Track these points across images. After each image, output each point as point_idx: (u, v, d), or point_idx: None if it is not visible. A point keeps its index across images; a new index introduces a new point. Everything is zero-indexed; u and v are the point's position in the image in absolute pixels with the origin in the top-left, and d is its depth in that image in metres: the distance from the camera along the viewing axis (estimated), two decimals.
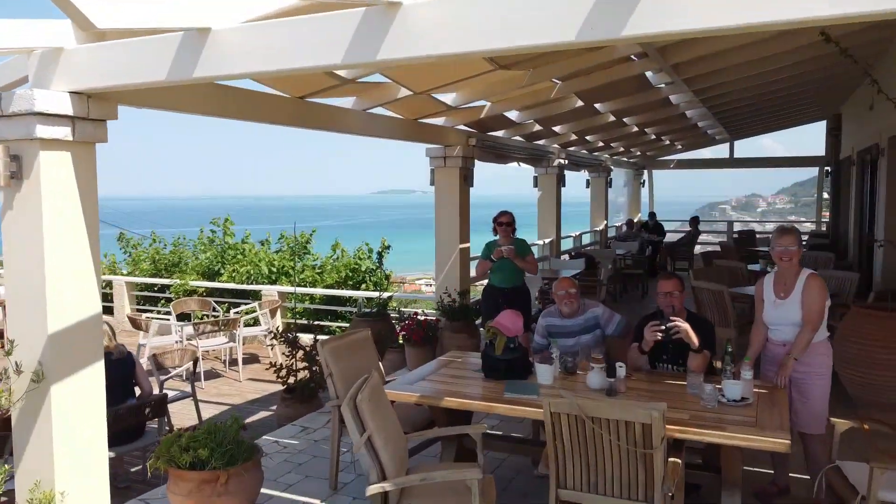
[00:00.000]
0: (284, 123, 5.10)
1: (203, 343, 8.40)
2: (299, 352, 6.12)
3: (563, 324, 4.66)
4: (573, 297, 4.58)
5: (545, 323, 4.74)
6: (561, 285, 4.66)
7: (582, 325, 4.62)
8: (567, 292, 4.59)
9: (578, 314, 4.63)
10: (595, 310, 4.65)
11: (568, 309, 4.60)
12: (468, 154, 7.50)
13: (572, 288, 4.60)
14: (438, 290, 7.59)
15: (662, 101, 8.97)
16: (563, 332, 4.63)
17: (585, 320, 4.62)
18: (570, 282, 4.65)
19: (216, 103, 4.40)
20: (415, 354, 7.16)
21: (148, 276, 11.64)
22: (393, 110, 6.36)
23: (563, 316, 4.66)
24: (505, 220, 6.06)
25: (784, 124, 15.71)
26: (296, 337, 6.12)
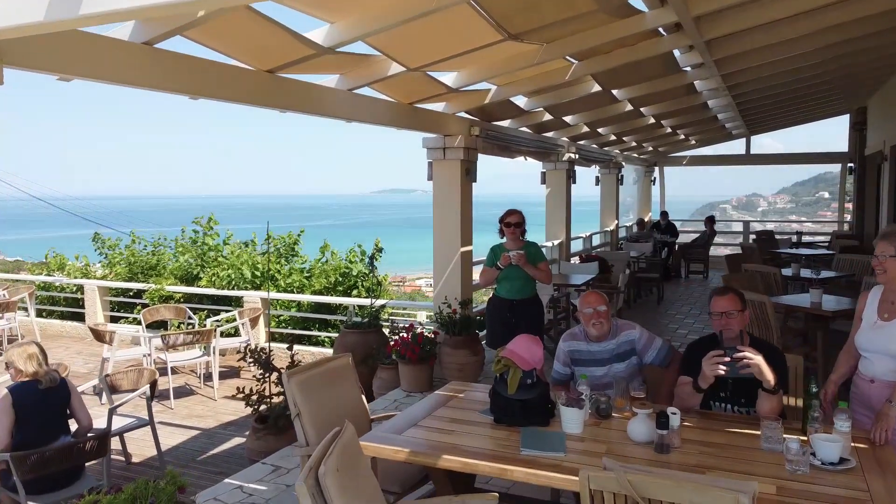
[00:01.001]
0: (247, 102, 4.21)
1: (173, 357, 7.51)
2: (273, 373, 5.22)
3: (589, 349, 3.77)
4: (603, 315, 3.69)
5: (568, 347, 3.85)
6: (588, 301, 3.76)
7: (614, 352, 3.73)
8: (596, 310, 3.69)
9: (609, 337, 3.74)
10: (630, 332, 3.75)
11: (597, 331, 3.70)
12: (471, 145, 6.61)
13: (602, 304, 3.71)
14: (437, 299, 6.70)
15: (686, 87, 8.08)
16: (591, 360, 3.75)
17: (618, 345, 3.73)
18: (600, 297, 3.76)
19: (156, 72, 3.52)
20: (410, 373, 6.27)
21: (123, 279, 10.74)
22: (384, 91, 5.47)
23: (590, 339, 3.77)
24: (514, 220, 5.17)
25: (804, 119, 14.80)
26: (269, 356, 5.22)
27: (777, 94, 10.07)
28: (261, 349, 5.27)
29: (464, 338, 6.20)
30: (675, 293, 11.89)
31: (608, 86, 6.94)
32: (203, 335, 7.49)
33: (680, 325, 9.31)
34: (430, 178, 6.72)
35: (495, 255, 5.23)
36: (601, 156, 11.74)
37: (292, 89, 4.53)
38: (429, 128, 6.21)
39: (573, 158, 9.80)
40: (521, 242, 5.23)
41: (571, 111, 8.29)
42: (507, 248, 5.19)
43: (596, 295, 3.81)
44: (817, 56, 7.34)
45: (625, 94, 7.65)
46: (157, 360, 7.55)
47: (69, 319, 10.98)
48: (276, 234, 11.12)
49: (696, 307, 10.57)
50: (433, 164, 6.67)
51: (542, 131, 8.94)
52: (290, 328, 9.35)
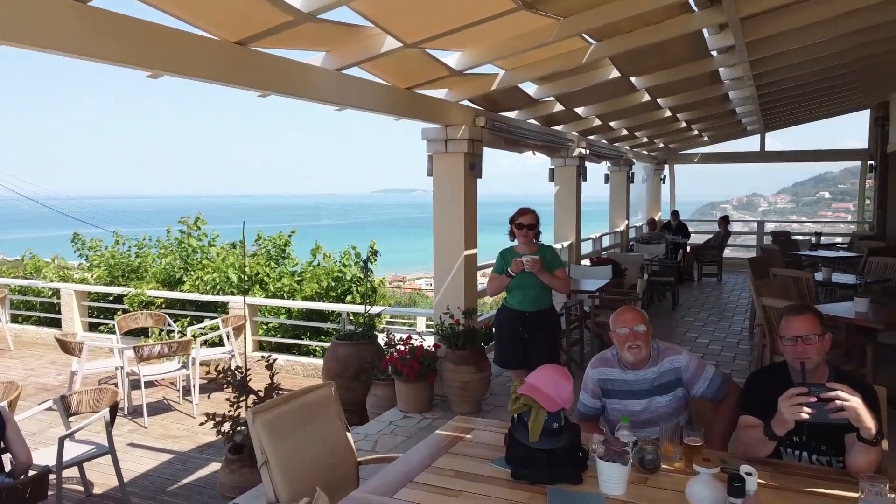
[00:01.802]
0: (215, 79, 3.54)
1: (148, 370, 6.84)
2: (250, 397, 4.55)
3: (625, 378, 3.10)
4: (642, 337, 3.02)
5: (598, 375, 3.18)
6: (623, 319, 3.09)
7: (655, 381, 3.06)
8: (633, 330, 3.02)
9: (649, 363, 3.07)
10: (676, 358, 3.08)
11: (634, 356, 3.03)
12: (475, 136, 5.94)
13: (640, 323, 3.04)
14: (437, 309, 6.03)
15: (710, 76, 7.41)
16: (627, 392, 3.08)
17: (660, 373, 3.06)
18: (638, 314, 3.08)
19: (95, 38, 2.85)
20: (407, 392, 5.60)
21: (103, 283, 10.07)
22: (378, 73, 4.80)
23: (625, 366, 3.10)
24: (526, 220, 4.49)
25: (821, 114, 14.12)
26: (245, 377, 4.55)
27: (799, 85, 9.40)
28: (236, 367, 4.59)
29: (468, 352, 5.52)
30: (689, 297, 11.23)
31: (628, 71, 6.28)
32: (181, 346, 6.82)
33: (699, 333, 8.64)
34: (430, 174, 6.05)
35: (505, 261, 4.56)
36: (611, 152, 11.06)
37: (269, 66, 3.86)
38: (429, 117, 5.54)
39: (584, 154, 9.13)
40: (534, 246, 4.56)
41: (584, 101, 7.62)
42: (518, 253, 4.52)
43: (633, 312, 3.14)
44: (845, 42, 6.69)
45: (643, 83, 6.98)
46: (130, 373, 6.89)
47: (46, 325, 10.31)
48: (267, 235, 10.45)
49: (713, 313, 9.91)
50: (433, 157, 6.00)
51: (551, 124, 8.27)
52: (280, 336, 8.68)
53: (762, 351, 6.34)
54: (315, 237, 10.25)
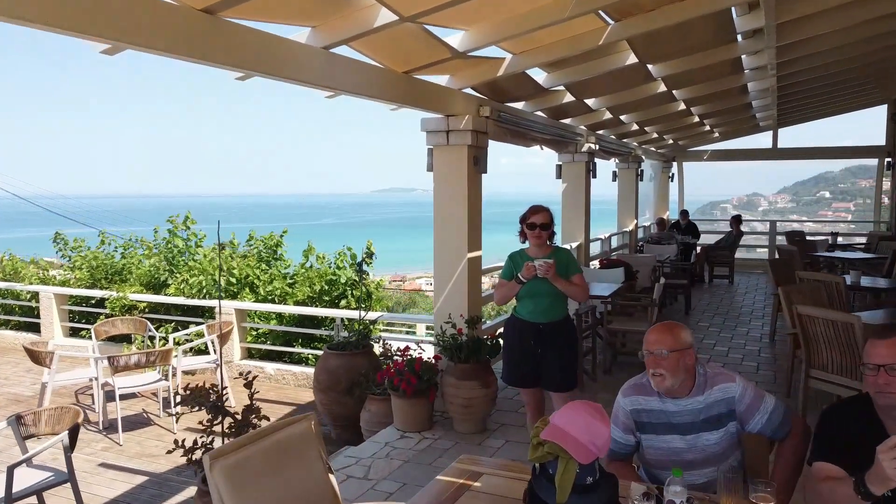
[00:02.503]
0: (176, 53, 3.01)
1: (124, 382, 6.31)
2: (226, 419, 4.02)
3: (664, 408, 2.57)
4: (666, 364, 2.50)
5: (631, 405, 2.65)
6: (646, 340, 2.58)
7: (702, 414, 2.53)
8: (653, 354, 2.53)
9: (694, 392, 2.55)
10: (728, 386, 2.55)
11: (657, 386, 2.53)
12: (480, 128, 5.41)
13: (663, 345, 2.51)
14: (438, 317, 5.49)
15: (731, 65, 6.88)
16: (667, 426, 2.56)
17: (708, 404, 2.53)
18: (662, 334, 2.56)
19: (44, 4, 2.35)
20: (404, 409, 5.08)
21: (84, 285, 9.53)
22: (371, 54, 4.27)
23: (663, 394, 2.57)
24: (539, 219, 3.96)
25: (837, 110, 13.61)
26: (220, 398, 4.02)
27: (820, 77, 8.87)
28: (211, 386, 4.06)
29: (471, 366, 4.99)
30: (701, 301, 10.70)
31: (646, 57, 5.75)
32: (160, 355, 6.29)
33: (716, 339, 8.11)
34: (429, 169, 5.52)
35: (515, 265, 4.03)
36: (620, 148, 10.53)
37: (244, 40, 3.33)
38: (429, 105, 5.01)
39: (593, 149, 8.60)
40: (548, 248, 4.02)
41: (596, 92, 7.09)
42: (530, 256, 3.99)
43: (657, 332, 2.61)
44: (869, 30, 6.18)
45: (661, 71, 6.46)
46: (105, 385, 6.37)
47: (25, 330, 9.79)
48: (259, 235, 9.91)
49: (729, 318, 9.38)
50: (434, 151, 5.47)
51: (559, 117, 7.75)
52: (270, 343, 8.15)
53: (792, 362, 5.82)
54: (314, 237, 9.74)
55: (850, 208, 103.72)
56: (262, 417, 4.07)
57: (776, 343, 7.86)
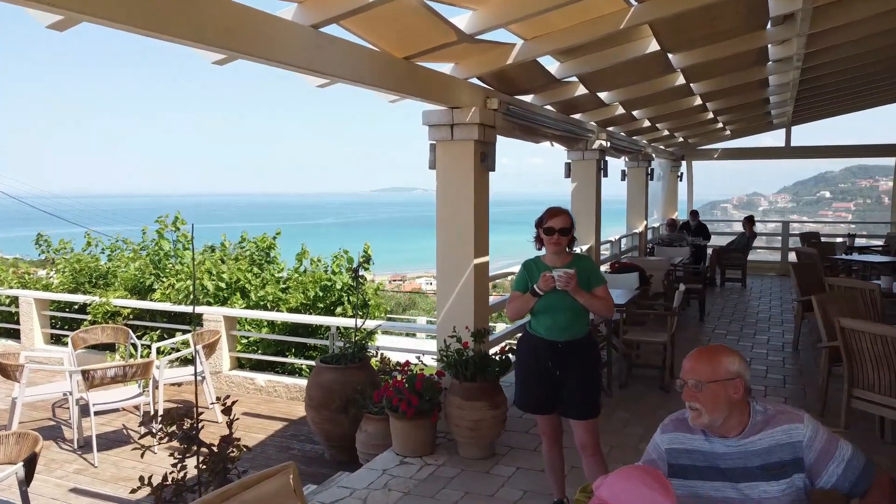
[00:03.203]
0: (136, 26, 2.52)
1: (99, 397, 5.82)
2: (202, 450, 3.53)
3: (711, 449, 2.12)
4: (702, 397, 2.08)
5: (669, 443, 2.21)
6: (691, 368, 2.15)
7: (760, 460, 2.06)
8: (687, 385, 2.11)
9: (747, 431, 2.09)
10: (794, 429, 2.08)
11: (693, 421, 2.08)
12: (487, 121, 4.92)
13: (717, 372, 2.07)
14: (441, 329, 5.00)
15: (756, 55, 6.39)
16: (714, 471, 2.09)
17: (767, 448, 2.07)
18: (699, 361, 2.13)
19: None
20: (404, 432, 4.59)
21: (67, 290, 9.05)
22: (366, 36, 3.78)
23: (711, 432, 2.11)
24: (559, 223, 3.47)
25: (852, 107, 13.09)
26: (195, 426, 3.53)
27: (843, 70, 8.38)
28: (185, 412, 3.57)
29: (479, 384, 4.50)
30: (714, 305, 10.21)
31: (668, 44, 5.26)
32: (140, 368, 5.81)
33: (736, 349, 7.60)
34: (432, 166, 5.03)
35: (530, 275, 3.54)
36: (630, 146, 10.04)
37: (219, 12, 2.85)
38: (432, 96, 4.52)
39: (604, 147, 8.11)
40: (568, 256, 3.54)
41: (610, 84, 6.61)
42: (547, 265, 3.50)
43: (697, 358, 2.17)
44: None
45: (681, 61, 5.97)
46: (81, 400, 5.88)
47: (4, 337, 9.30)
48: (252, 236, 9.42)
49: (746, 324, 8.90)
50: (437, 146, 4.98)
51: (569, 112, 7.26)
52: (261, 352, 7.67)
53: (827, 378, 5.33)
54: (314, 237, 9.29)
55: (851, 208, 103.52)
56: (241, 448, 3.59)
57: (800, 353, 7.38)
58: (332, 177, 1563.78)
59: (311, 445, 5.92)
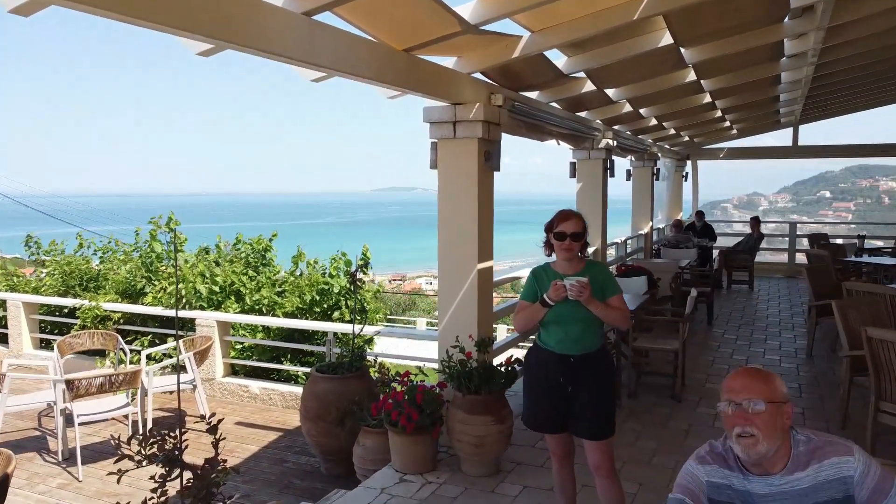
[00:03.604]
0: (106, 10, 2.26)
1: (84, 408, 5.56)
2: (185, 474, 3.26)
3: (748, 488, 1.87)
4: (761, 421, 1.86)
5: (708, 476, 1.97)
6: (744, 386, 1.93)
7: (805, 498, 1.82)
8: (741, 408, 1.87)
9: (790, 467, 1.84)
10: (843, 462, 1.84)
11: (744, 451, 1.86)
12: (492, 118, 4.66)
13: (757, 397, 1.85)
14: (443, 338, 4.74)
15: (771, 50, 6.13)
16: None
17: (814, 486, 1.84)
18: (754, 380, 1.92)
19: None
20: (404, 447, 4.33)
21: (56, 293, 8.79)
22: (364, 26, 3.52)
23: (745, 468, 1.86)
24: (570, 227, 3.21)
25: (861, 106, 12.83)
26: (178, 446, 3.26)
27: (857, 66, 8.12)
28: (164, 433, 3.30)
29: (483, 397, 4.24)
30: (722, 309, 9.96)
31: (682, 37, 5.00)
32: (127, 377, 5.55)
33: (746, 354, 7.37)
34: (433, 166, 4.77)
35: (539, 284, 3.28)
36: (636, 145, 9.78)
37: (203, 1, 2.58)
38: (434, 91, 4.26)
39: (610, 146, 7.85)
40: (580, 263, 3.28)
41: (619, 80, 6.35)
42: (559, 273, 3.24)
43: (749, 375, 1.96)
44: None
45: (693, 56, 5.72)
46: (65, 410, 5.62)
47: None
48: (247, 238, 9.16)
49: (756, 329, 8.64)
50: (439, 145, 4.72)
51: (575, 109, 7.00)
52: (256, 358, 7.41)
53: (849, 389, 5.07)
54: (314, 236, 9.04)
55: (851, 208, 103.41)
56: (226, 472, 3.32)
57: (814, 360, 7.12)
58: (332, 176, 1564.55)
59: (306, 458, 5.67)
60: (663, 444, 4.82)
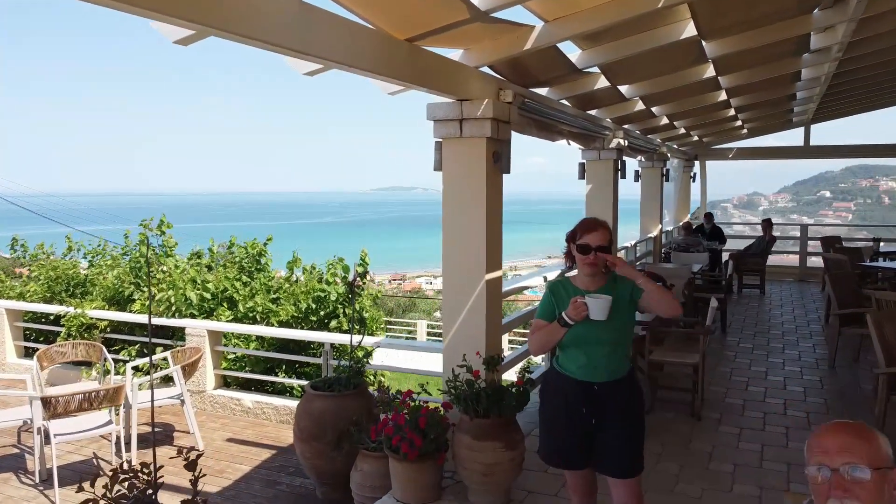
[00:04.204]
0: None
1: (61, 427, 5.19)
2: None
3: None
4: (861, 492, 1.48)
5: None
6: (842, 446, 1.55)
7: None
8: (837, 473, 1.52)
9: None
10: None
11: None
12: (501, 115, 4.28)
13: (878, 455, 1.50)
14: (448, 356, 4.36)
15: (797, 42, 5.76)
16: None
17: None
18: (866, 436, 1.55)
19: None
20: (406, 475, 3.96)
21: (40, 299, 8.41)
22: (362, 11, 3.15)
23: None
24: (596, 239, 2.85)
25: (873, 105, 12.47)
26: (153, 484, 2.89)
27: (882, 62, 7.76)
28: (138, 469, 2.93)
29: (492, 421, 3.87)
30: (734, 315, 9.57)
31: (705, 28, 4.62)
32: (109, 394, 5.17)
33: (766, 366, 6.99)
34: (437, 168, 4.40)
35: (558, 301, 2.92)
36: (645, 145, 9.41)
37: None
38: (439, 85, 3.89)
39: (622, 146, 7.48)
40: (604, 279, 2.91)
41: (634, 76, 5.98)
42: (580, 289, 2.88)
43: (845, 431, 1.59)
44: None
45: (715, 50, 5.35)
46: (42, 428, 5.24)
47: None
48: (241, 241, 8.78)
49: (772, 337, 8.27)
50: (443, 145, 4.35)
51: (584, 107, 6.64)
52: (249, 369, 7.04)
53: (885, 408, 4.70)
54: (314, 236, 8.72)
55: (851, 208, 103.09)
56: None
57: (838, 371, 6.75)
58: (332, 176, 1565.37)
59: (300, 479, 5.30)
60: (686, 468, 4.45)
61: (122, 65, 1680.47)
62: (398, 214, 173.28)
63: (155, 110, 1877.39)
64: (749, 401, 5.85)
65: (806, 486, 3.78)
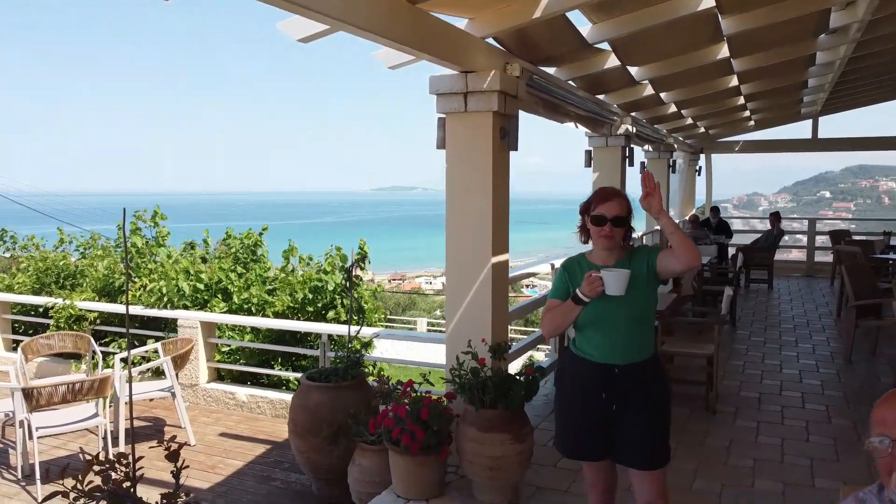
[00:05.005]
0: None
1: (44, 420, 4.94)
2: None
3: None
4: None
5: None
6: (882, 417, 1.36)
7: None
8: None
9: None
10: None
11: None
12: (509, 89, 4.04)
13: None
14: (451, 343, 4.11)
15: (818, 18, 5.51)
16: None
17: None
18: None
19: None
20: (407, 469, 3.71)
21: (28, 291, 8.16)
22: None
23: None
24: (611, 209, 2.60)
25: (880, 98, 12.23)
26: (131, 476, 2.64)
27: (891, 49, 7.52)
28: (118, 456, 2.68)
29: (499, 412, 3.62)
30: (743, 309, 9.33)
31: (728, 2, 4.38)
32: (94, 385, 4.93)
33: (780, 359, 6.74)
34: (440, 145, 4.15)
35: (572, 278, 2.67)
36: (652, 134, 9.16)
37: None
38: (442, 52, 3.64)
39: (630, 132, 7.23)
40: (622, 252, 2.67)
41: (646, 56, 5.73)
42: (594, 265, 2.63)
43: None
44: None
45: (732, 27, 5.10)
46: (24, 421, 4.99)
47: None
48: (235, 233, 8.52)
49: (784, 331, 8.02)
50: (447, 120, 4.10)
51: (592, 90, 6.39)
52: (243, 362, 6.79)
53: None
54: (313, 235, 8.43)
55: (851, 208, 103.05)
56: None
57: (854, 365, 6.51)
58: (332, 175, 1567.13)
59: (296, 475, 5.05)
60: (704, 465, 4.21)
61: (118, 65, 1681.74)
62: (398, 214, 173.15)
63: (155, 110, 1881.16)
64: (765, 394, 5.61)
65: (841, 481, 3.49)
